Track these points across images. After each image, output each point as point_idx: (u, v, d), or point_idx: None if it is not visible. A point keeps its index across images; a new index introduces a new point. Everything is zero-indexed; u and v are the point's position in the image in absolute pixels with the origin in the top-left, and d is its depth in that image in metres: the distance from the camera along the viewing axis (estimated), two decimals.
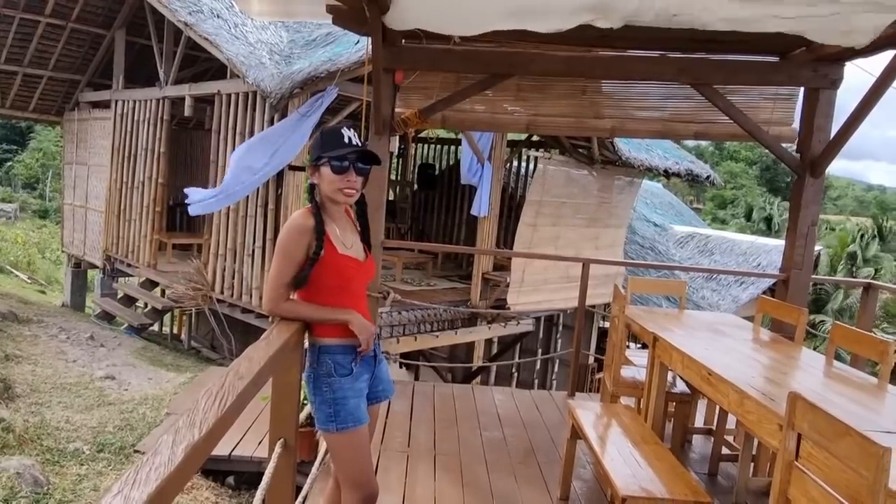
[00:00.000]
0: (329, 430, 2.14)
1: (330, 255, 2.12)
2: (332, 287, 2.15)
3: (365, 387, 2.23)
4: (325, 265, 2.11)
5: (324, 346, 2.16)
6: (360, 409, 2.17)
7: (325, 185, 2.15)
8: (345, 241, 2.20)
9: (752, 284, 11.14)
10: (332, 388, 2.13)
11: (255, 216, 7.31)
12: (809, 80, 4.26)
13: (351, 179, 2.13)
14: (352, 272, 2.18)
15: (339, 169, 2.11)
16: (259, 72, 6.29)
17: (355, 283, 2.22)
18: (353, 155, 2.12)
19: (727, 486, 3.55)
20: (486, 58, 4.32)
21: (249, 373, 1.56)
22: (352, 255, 2.19)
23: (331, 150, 2.12)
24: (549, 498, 3.27)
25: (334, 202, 2.18)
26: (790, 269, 4.38)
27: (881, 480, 1.57)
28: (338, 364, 2.14)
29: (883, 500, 1.58)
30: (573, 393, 4.91)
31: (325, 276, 2.12)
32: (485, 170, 8.47)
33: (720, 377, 2.70)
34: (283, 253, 2.11)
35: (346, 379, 2.14)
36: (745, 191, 46.77)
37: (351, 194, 2.16)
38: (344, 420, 2.12)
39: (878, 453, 1.57)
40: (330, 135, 2.17)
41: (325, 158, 2.12)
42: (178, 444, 1.20)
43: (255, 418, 4.31)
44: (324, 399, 2.13)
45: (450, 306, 8.13)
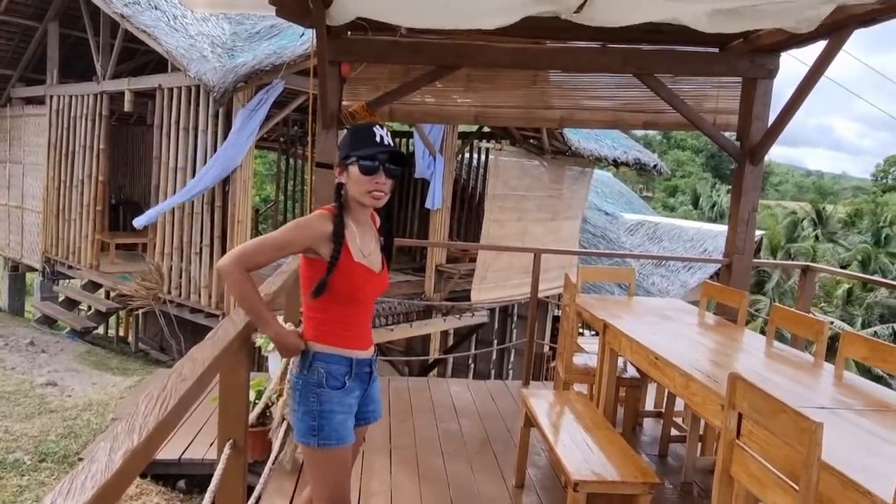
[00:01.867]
0: (309, 445, 1.99)
1: (345, 262, 1.97)
2: (340, 295, 2.00)
3: (355, 403, 2.07)
4: (338, 273, 1.96)
5: (318, 353, 2.00)
6: (347, 427, 2.02)
7: (352, 185, 1.99)
8: (363, 249, 2.04)
9: (699, 269, 11.48)
10: (319, 399, 1.98)
11: (201, 214, 7.13)
12: (747, 71, 4.39)
13: (380, 181, 1.98)
14: (362, 282, 2.02)
15: (368, 169, 1.96)
16: (201, 65, 6.12)
17: (365, 294, 2.06)
18: (384, 155, 1.97)
19: (676, 467, 3.65)
20: (433, 49, 4.31)
21: (193, 374, 1.52)
22: (366, 265, 2.03)
23: (360, 148, 1.97)
24: (504, 486, 3.30)
25: (361, 205, 2.03)
26: (733, 254, 4.53)
27: (815, 454, 1.64)
28: (330, 375, 1.99)
29: (816, 472, 1.65)
30: (528, 382, 4.97)
31: (337, 284, 1.97)
32: (437, 162, 8.47)
33: (667, 361, 2.77)
34: (281, 238, 1.94)
35: (337, 392, 1.99)
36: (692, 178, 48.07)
37: (379, 197, 2.00)
38: (327, 436, 1.97)
39: (812, 428, 1.64)
40: (361, 132, 2.02)
41: (354, 157, 1.97)
42: (116, 450, 1.16)
43: (206, 420, 4.21)
44: (308, 410, 1.98)
45: (404, 299, 8.11)
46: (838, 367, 2.79)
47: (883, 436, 2.06)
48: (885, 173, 58.68)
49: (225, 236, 6.93)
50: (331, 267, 1.94)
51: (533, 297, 4.93)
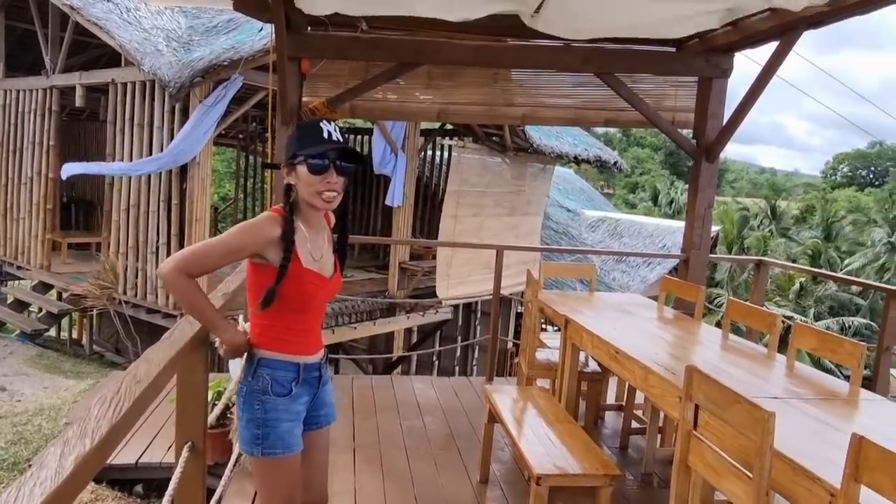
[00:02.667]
0: (253, 454, 1.92)
1: (293, 268, 1.88)
2: (290, 303, 1.91)
3: (303, 410, 2.00)
4: (286, 279, 1.87)
5: (263, 359, 1.92)
6: (293, 435, 1.94)
7: (302, 186, 1.89)
8: (313, 253, 1.95)
9: (658, 265, 11.72)
10: (264, 406, 1.90)
11: (157, 212, 6.97)
12: (702, 70, 4.49)
13: (331, 181, 1.87)
14: (313, 290, 1.94)
15: (317, 168, 1.85)
16: (156, 59, 5.97)
17: (316, 301, 1.98)
18: (335, 152, 1.87)
19: (637, 458, 3.72)
20: (394, 46, 4.29)
21: (149, 376, 1.48)
22: (316, 271, 1.95)
23: (308, 146, 1.86)
24: (468, 481, 3.32)
25: (312, 207, 1.92)
26: (690, 250, 4.63)
27: (767, 442, 1.69)
28: (276, 381, 1.91)
29: (769, 460, 1.70)
30: (491, 378, 5.00)
31: (285, 291, 1.88)
32: (398, 159, 8.44)
33: (627, 355, 2.81)
34: (227, 242, 1.83)
35: (283, 399, 1.91)
36: (651, 175, 48.99)
37: (331, 199, 1.89)
38: (272, 445, 1.89)
39: (764, 418, 1.69)
40: (308, 129, 1.91)
41: (302, 156, 1.86)
42: (67, 455, 1.12)
43: (164, 422, 4.12)
44: (253, 417, 1.90)
45: (368, 297, 8.07)
46: (790, 358, 2.88)
47: (831, 423, 2.13)
48: (834, 170, 60.86)
49: (183, 235, 6.79)
50: (280, 275, 1.85)
51: (496, 294, 4.95)
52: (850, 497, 1.53)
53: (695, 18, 3.55)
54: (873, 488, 1.50)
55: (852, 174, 59.32)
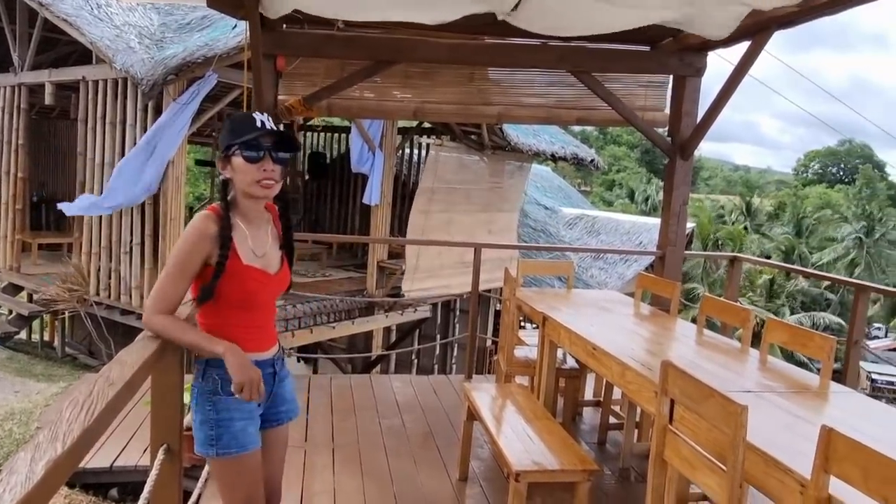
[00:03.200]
0: (208, 455, 1.89)
1: (232, 265, 1.85)
2: (235, 303, 1.89)
3: (258, 408, 1.98)
4: (228, 278, 1.85)
5: (212, 360, 1.89)
6: (248, 433, 1.91)
7: (239, 178, 1.87)
8: (255, 249, 1.92)
9: (635, 262, 11.83)
10: (215, 407, 1.88)
11: (131, 211, 6.86)
12: (676, 69, 4.55)
13: (268, 168, 1.86)
14: (255, 286, 1.91)
15: (253, 157, 1.84)
16: (128, 57, 5.88)
17: (261, 297, 1.96)
18: (269, 140, 1.86)
19: (614, 453, 3.76)
20: (370, 44, 4.28)
21: (122, 378, 1.46)
22: (258, 267, 1.92)
23: (241, 136, 1.85)
24: (448, 479, 3.32)
25: (252, 197, 1.90)
26: (666, 246, 4.68)
27: (740, 435, 1.72)
28: (225, 381, 1.87)
29: (742, 452, 1.73)
30: (470, 376, 5.02)
31: (227, 291, 1.86)
32: (376, 158, 8.41)
33: (604, 351, 2.84)
34: (174, 262, 1.83)
35: (234, 399, 1.88)
36: (628, 173, 49.47)
37: (269, 186, 1.88)
38: (226, 445, 1.87)
39: (737, 411, 1.72)
40: (239, 120, 1.90)
41: (237, 147, 1.84)
42: (38, 460, 1.10)
43: (139, 425, 4.07)
44: (205, 418, 1.88)
45: (346, 296, 8.03)
46: (763, 352, 2.92)
47: (802, 416, 2.18)
48: (806, 168, 62.04)
49: (157, 234, 6.69)
50: (217, 272, 1.83)
51: (474, 292, 4.96)
52: (819, 487, 1.56)
53: None
54: (842, 478, 1.53)
55: (823, 171, 60.53)
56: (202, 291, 1.85)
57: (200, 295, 1.85)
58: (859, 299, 4.05)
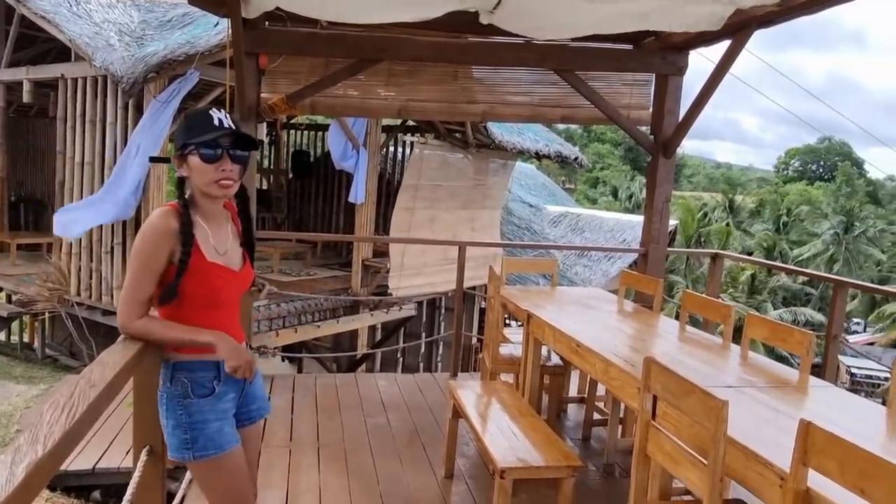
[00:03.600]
0: (185, 459, 1.87)
1: (197, 263, 1.83)
2: (197, 299, 1.86)
3: (231, 407, 1.97)
4: (192, 276, 1.82)
5: (179, 363, 1.87)
6: (224, 433, 1.90)
7: (195, 177, 1.84)
8: (217, 246, 1.90)
9: (619, 259, 11.91)
10: (187, 410, 1.85)
11: None
12: (659, 67, 4.59)
13: (226, 168, 1.84)
14: (220, 283, 1.89)
15: (210, 157, 1.81)
16: (108, 54, 5.81)
17: (225, 295, 1.93)
18: (227, 139, 1.84)
19: (599, 449, 3.79)
20: (354, 42, 4.27)
21: (104, 379, 1.45)
22: (222, 263, 1.90)
23: (199, 135, 1.82)
24: (434, 477, 3.33)
25: (209, 197, 1.88)
26: (649, 244, 4.73)
27: (721, 430, 1.75)
28: (196, 383, 1.87)
29: (723, 447, 1.75)
30: (455, 373, 5.02)
31: (191, 288, 1.83)
32: (360, 156, 8.38)
33: (588, 348, 2.86)
34: (139, 262, 1.79)
35: (206, 400, 1.88)
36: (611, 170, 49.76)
37: (228, 185, 1.85)
38: (203, 447, 1.86)
39: (718, 406, 1.74)
40: (197, 118, 1.87)
41: (193, 146, 1.81)
42: (18, 463, 1.09)
43: (122, 426, 4.03)
44: (178, 423, 1.86)
45: (331, 295, 8.01)
46: (743, 347, 2.96)
47: (782, 410, 2.21)
48: (786, 165, 62.80)
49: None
50: (181, 270, 1.80)
51: (459, 290, 4.97)
52: (798, 480, 1.59)
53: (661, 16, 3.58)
54: (820, 471, 1.56)
55: (803, 168, 61.32)
56: (165, 290, 1.82)
57: (163, 294, 1.82)
58: (838, 294, 4.12)
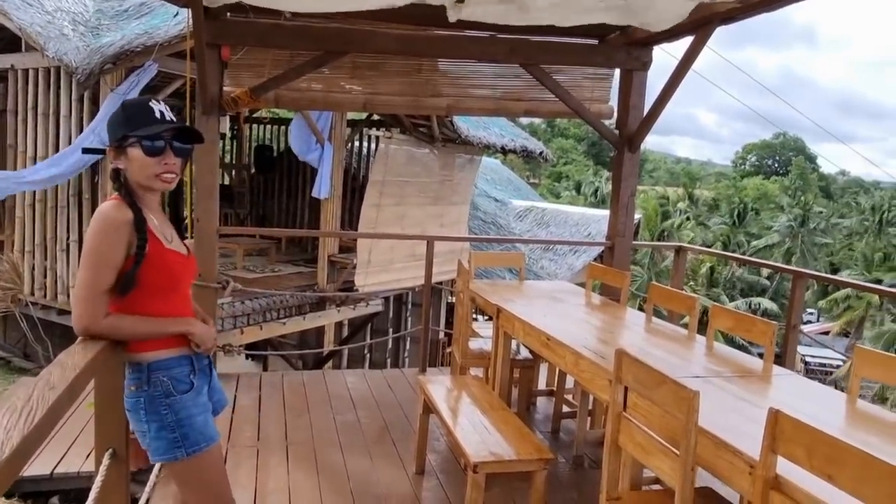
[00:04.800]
0: (177, 459, 1.84)
1: (156, 250, 1.81)
2: (157, 289, 1.84)
3: (207, 400, 1.97)
4: (151, 264, 1.79)
5: (154, 364, 1.84)
6: (210, 425, 1.92)
7: (135, 170, 1.81)
8: (165, 235, 1.90)
9: (584, 252, 12.04)
10: (173, 408, 1.84)
11: (67, 207, 6.56)
12: (624, 63, 4.63)
13: (169, 162, 1.83)
14: (180, 268, 1.91)
15: (153, 150, 1.79)
16: (61, 44, 5.60)
17: (184, 281, 1.95)
18: (169, 132, 1.82)
19: (568, 441, 3.82)
20: (319, 34, 4.20)
21: (63, 381, 1.39)
22: (176, 250, 1.91)
23: (140, 127, 1.79)
24: (405, 473, 3.31)
25: (149, 190, 1.86)
26: (615, 237, 4.78)
27: (692, 420, 1.77)
28: (175, 380, 1.85)
29: (694, 436, 1.78)
30: (425, 369, 5.01)
31: (151, 277, 1.80)
32: (325, 150, 8.27)
33: (557, 341, 2.88)
34: (96, 255, 1.74)
35: (189, 395, 1.87)
36: (575, 165, 50.29)
37: (170, 180, 1.85)
38: (195, 441, 1.85)
39: (690, 396, 1.77)
40: (136, 109, 1.83)
41: (135, 138, 1.79)
42: None
43: (82, 429, 3.91)
44: (164, 424, 1.83)
45: (296, 291, 7.90)
46: (709, 338, 3.02)
47: (748, 399, 2.26)
48: (743, 160, 64.41)
49: None
50: (139, 258, 1.77)
51: (427, 285, 4.95)
52: (767, 467, 1.62)
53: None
54: (788, 458, 1.59)
55: (759, 163, 62.96)
56: (124, 280, 1.77)
57: (123, 285, 1.77)
58: (797, 286, 4.22)
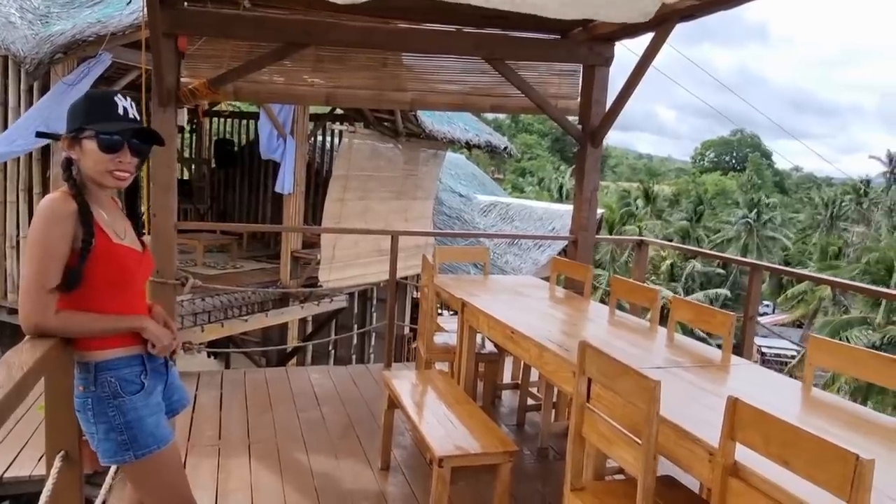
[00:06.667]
0: (126, 461, 1.78)
1: (103, 245, 1.73)
2: (107, 285, 1.77)
3: (161, 401, 1.89)
4: (98, 259, 1.71)
5: (101, 364, 1.76)
6: (161, 427, 1.84)
7: (88, 163, 1.75)
8: (116, 230, 1.82)
9: (548, 247, 12.14)
10: (120, 409, 1.76)
11: (16, 202, 6.32)
12: (586, 58, 4.67)
13: (124, 160, 1.76)
14: (132, 264, 1.82)
15: (109, 145, 1.73)
16: (8, 33, 5.38)
17: (138, 277, 1.88)
18: (130, 131, 1.77)
19: (533, 434, 3.85)
20: (280, 25, 4.12)
21: (10, 381, 1.33)
22: (128, 245, 1.84)
23: (100, 121, 1.73)
24: (370, 469, 3.29)
25: (100, 185, 1.79)
26: (578, 231, 4.82)
27: (654, 409, 1.79)
28: (124, 381, 1.77)
29: (656, 426, 1.80)
30: (389, 364, 4.99)
31: (100, 273, 1.73)
32: (287, 144, 8.16)
33: (522, 334, 2.89)
34: (41, 249, 1.66)
35: (138, 396, 1.79)
36: (538, 161, 50.70)
37: (123, 178, 1.78)
38: (144, 444, 1.78)
39: (651, 386, 1.79)
40: (99, 102, 1.78)
41: (92, 131, 1.73)
42: None
43: (33, 432, 3.78)
44: (111, 426, 1.75)
45: (259, 288, 7.78)
46: (670, 330, 3.07)
47: (707, 388, 2.30)
48: (702, 156, 65.82)
49: None
50: (84, 254, 1.68)
51: (392, 280, 4.92)
52: (727, 454, 1.65)
53: None
54: (746, 444, 1.62)
55: (717, 159, 64.43)
56: (69, 275, 1.69)
57: (67, 280, 1.69)
58: (754, 278, 4.33)
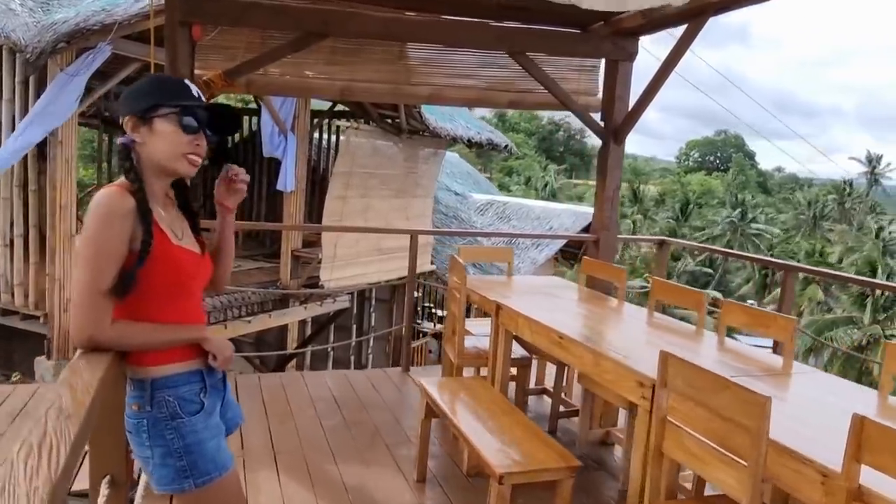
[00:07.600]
0: (184, 490, 1.57)
1: (162, 246, 1.53)
2: (164, 292, 1.57)
3: (220, 421, 1.71)
4: (156, 262, 1.52)
5: (158, 381, 1.57)
6: (222, 451, 1.65)
7: (161, 146, 1.54)
8: (174, 229, 1.61)
9: (546, 247, 12.00)
10: (179, 432, 1.57)
11: (11, 199, 6.07)
12: (610, 52, 4.53)
13: (201, 143, 1.58)
14: (191, 268, 1.63)
15: (191, 127, 1.54)
16: (8, 20, 5.13)
17: (197, 283, 1.68)
18: (206, 114, 1.59)
19: (566, 441, 3.69)
20: (298, 15, 3.95)
21: (79, 407, 1.15)
22: (187, 247, 1.63)
23: (178, 98, 1.54)
24: (405, 481, 3.12)
25: (167, 173, 1.59)
26: (600, 231, 4.69)
27: (764, 427, 1.65)
28: (183, 400, 1.59)
29: (765, 445, 1.66)
30: (408, 368, 4.82)
31: (156, 278, 1.53)
32: (288, 141, 7.95)
33: (572, 339, 2.75)
34: (96, 249, 1.46)
35: (198, 417, 1.60)
36: (525, 160, 50.69)
37: (197, 163, 1.59)
38: (205, 471, 1.58)
39: (761, 402, 1.65)
40: (170, 82, 1.63)
41: (170, 110, 1.52)
42: None
43: None
44: (169, 450, 1.56)
45: (258, 288, 7.57)
46: (720, 334, 2.94)
47: (786, 398, 2.17)
48: (687, 156, 66.32)
49: (44, 225, 5.96)
50: (142, 256, 1.48)
51: (411, 278, 4.78)
52: (851, 478, 1.52)
53: None
54: (875, 467, 1.49)
55: (702, 160, 64.95)
56: (123, 279, 1.47)
57: (120, 285, 1.47)
58: (787, 279, 4.22)
